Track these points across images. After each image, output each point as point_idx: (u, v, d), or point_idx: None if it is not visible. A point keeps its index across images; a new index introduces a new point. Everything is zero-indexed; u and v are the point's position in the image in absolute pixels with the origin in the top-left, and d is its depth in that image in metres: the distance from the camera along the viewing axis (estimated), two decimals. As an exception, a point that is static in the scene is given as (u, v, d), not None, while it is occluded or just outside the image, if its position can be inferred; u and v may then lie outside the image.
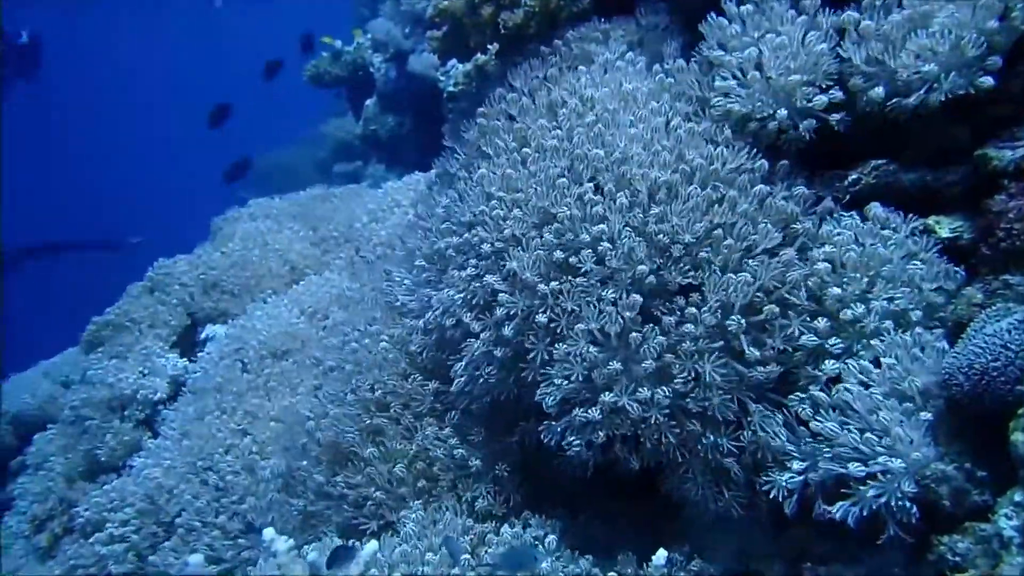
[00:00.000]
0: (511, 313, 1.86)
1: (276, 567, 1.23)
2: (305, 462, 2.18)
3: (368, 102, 6.83)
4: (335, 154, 7.91)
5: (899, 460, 1.46)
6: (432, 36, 2.74)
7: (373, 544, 1.35)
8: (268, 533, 1.24)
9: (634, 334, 1.71)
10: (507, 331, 1.86)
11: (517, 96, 2.20)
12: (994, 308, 1.49)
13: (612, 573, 1.62)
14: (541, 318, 1.80)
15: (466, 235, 2.03)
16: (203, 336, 3.73)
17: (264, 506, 2.27)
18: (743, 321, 1.68)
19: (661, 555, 1.53)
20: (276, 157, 9.26)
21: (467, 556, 1.67)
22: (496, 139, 2.13)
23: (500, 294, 1.88)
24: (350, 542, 1.65)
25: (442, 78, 5.40)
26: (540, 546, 1.85)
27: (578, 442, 1.77)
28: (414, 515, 1.86)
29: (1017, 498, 1.30)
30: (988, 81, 1.60)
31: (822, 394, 1.62)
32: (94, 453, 3.34)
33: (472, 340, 1.94)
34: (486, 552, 1.75)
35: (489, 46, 2.81)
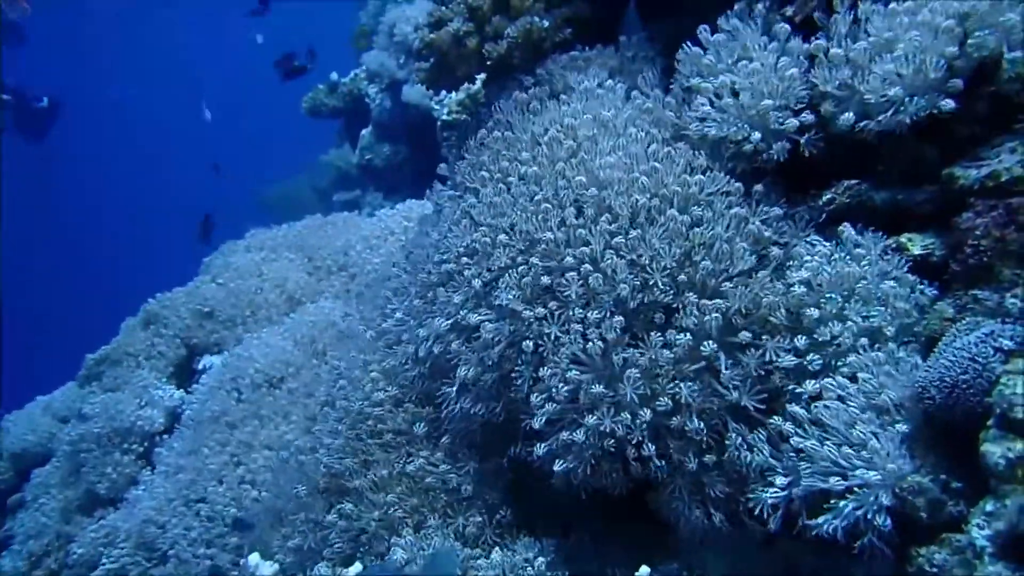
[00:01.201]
0: (497, 339, 1.90)
1: (262, 591, 1.26)
2: (298, 492, 2.20)
3: (364, 132, 6.92)
4: (335, 183, 8.00)
5: (876, 473, 1.49)
6: (420, 68, 2.81)
7: (356, 567, 1.37)
8: (253, 558, 1.26)
9: (616, 356, 1.75)
10: (494, 357, 1.89)
11: (502, 127, 2.26)
12: (964, 322, 1.53)
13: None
14: (527, 343, 1.84)
15: (454, 264, 2.08)
16: (200, 367, 3.76)
17: (255, 536, 2.29)
18: (721, 342, 1.71)
19: (643, 572, 1.55)
20: (280, 187, 9.38)
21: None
22: (483, 170, 2.19)
23: (486, 321, 1.92)
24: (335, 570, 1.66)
25: (436, 107, 5.48)
26: (530, 567, 1.86)
27: (564, 463, 1.80)
28: (404, 541, 1.88)
29: (988, 508, 1.32)
30: (950, 104, 1.65)
31: (802, 410, 1.65)
32: (91, 487, 3.35)
33: (461, 367, 1.98)
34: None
35: (476, 76, 2.88)
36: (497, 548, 1.99)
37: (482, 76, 2.85)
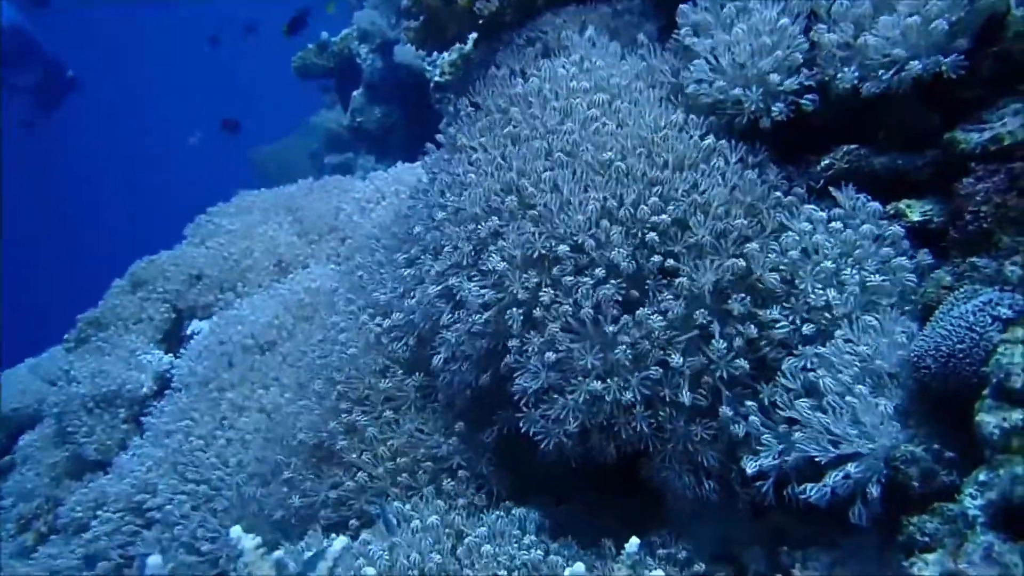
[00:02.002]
0: (486, 306, 1.86)
1: (243, 565, 1.24)
2: (285, 459, 2.18)
3: (355, 93, 6.79)
4: (326, 145, 7.87)
5: (869, 442, 1.47)
6: (408, 27, 2.72)
7: (342, 540, 1.35)
8: (235, 531, 1.23)
9: (608, 323, 1.72)
10: (483, 324, 1.86)
11: (493, 88, 2.19)
12: (961, 290, 1.50)
13: (579, 562, 1.62)
14: (516, 310, 1.80)
15: (444, 229, 2.03)
16: (189, 331, 3.71)
17: (241, 504, 2.28)
18: (714, 309, 1.68)
19: (633, 542, 1.54)
20: (271, 149, 9.23)
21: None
22: (474, 132, 2.13)
23: (474, 287, 1.88)
24: (322, 539, 1.65)
25: (429, 68, 5.37)
26: (521, 533, 1.85)
27: (555, 431, 1.77)
28: (392, 509, 1.87)
29: (981, 478, 1.31)
30: (955, 63, 1.60)
31: (794, 378, 1.62)
32: (79, 451, 3.34)
33: (449, 334, 1.94)
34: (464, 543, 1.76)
35: (467, 35, 2.79)
36: (488, 514, 1.97)
37: (474, 35, 2.78)
